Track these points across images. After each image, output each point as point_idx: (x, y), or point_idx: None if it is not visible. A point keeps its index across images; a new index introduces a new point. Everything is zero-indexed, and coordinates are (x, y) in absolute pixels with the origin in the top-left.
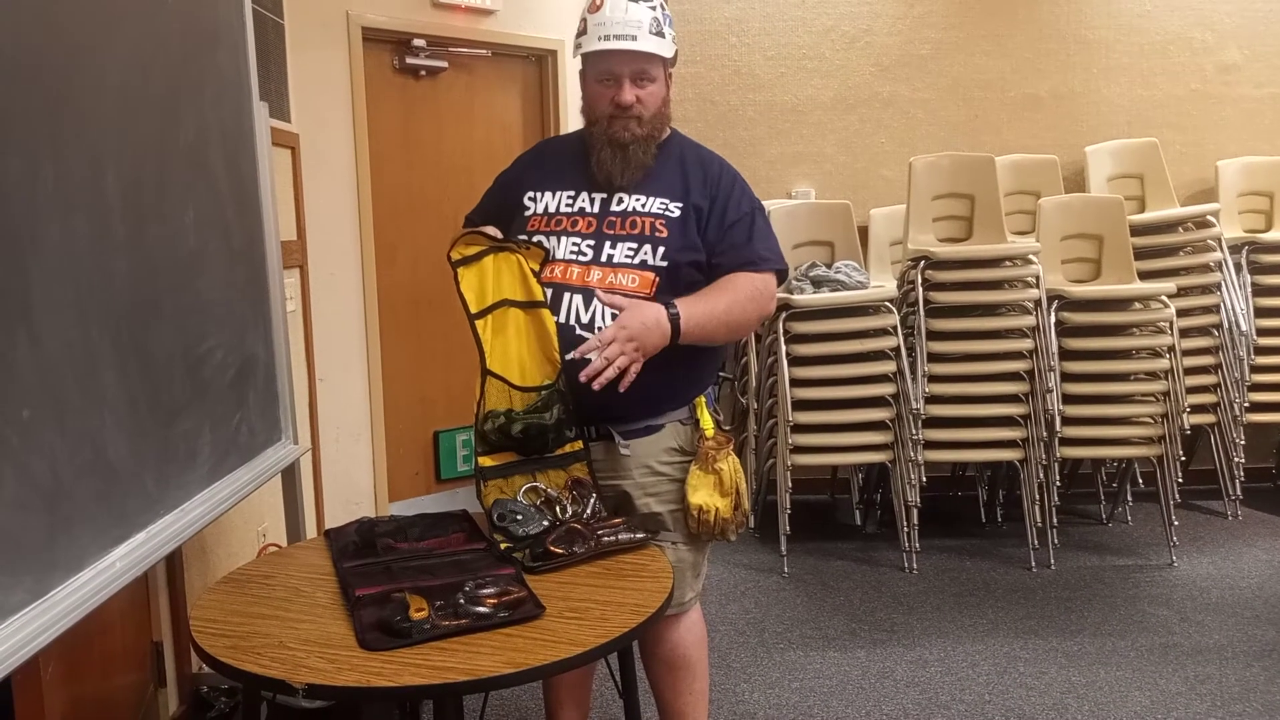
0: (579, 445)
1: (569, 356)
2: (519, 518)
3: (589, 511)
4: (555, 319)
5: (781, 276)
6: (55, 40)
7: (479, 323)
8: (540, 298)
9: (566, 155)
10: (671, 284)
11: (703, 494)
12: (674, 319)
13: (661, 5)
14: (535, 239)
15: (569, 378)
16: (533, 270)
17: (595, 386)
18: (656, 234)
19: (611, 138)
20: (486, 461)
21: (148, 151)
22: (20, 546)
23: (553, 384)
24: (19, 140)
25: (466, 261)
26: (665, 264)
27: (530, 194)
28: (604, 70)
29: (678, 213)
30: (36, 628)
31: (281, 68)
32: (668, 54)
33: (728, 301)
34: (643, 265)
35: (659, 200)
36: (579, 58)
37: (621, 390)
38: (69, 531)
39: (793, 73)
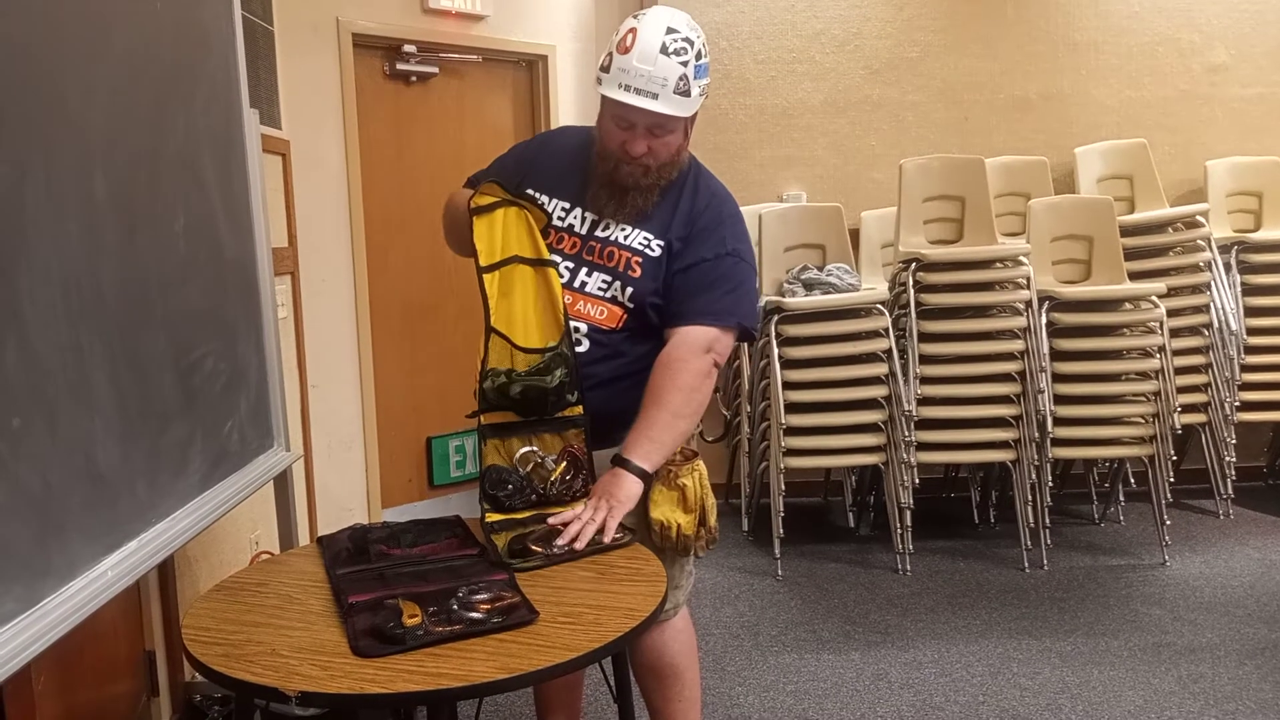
0: (579, 410)
1: (550, 520)
2: (509, 488)
3: (580, 484)
4: None
5: (742, 334)
6: (45, 47)
7: (487, 277)
8: (547, 256)
9: (573, 159)
10: (638, 322)
11: (664, 509)
12: (640, 473)
13: (698, 55)
14: None
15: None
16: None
17: (579, 545)
18: (630, 272)
19: (613, 180)
20: (485, 419)
21: (138, 158)
22: (11, 555)
23: (556, 346)
24: (9, 146)
25: (479, 211)
26: (633, 305)
27: (529, 192)
28: (619, 114)
29: (658, 251)
30: (28, 637)
31: (272, 74)
32: (687, 114)
33: (668, 412)
34: (613, 300)
35: (643, 235)
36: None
37: (606, 541)
38: (60, 540)
39: (783, 76)
